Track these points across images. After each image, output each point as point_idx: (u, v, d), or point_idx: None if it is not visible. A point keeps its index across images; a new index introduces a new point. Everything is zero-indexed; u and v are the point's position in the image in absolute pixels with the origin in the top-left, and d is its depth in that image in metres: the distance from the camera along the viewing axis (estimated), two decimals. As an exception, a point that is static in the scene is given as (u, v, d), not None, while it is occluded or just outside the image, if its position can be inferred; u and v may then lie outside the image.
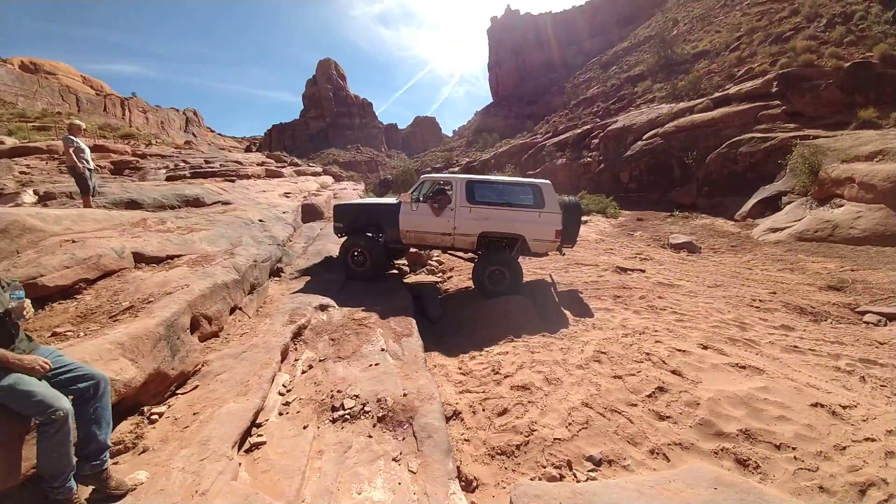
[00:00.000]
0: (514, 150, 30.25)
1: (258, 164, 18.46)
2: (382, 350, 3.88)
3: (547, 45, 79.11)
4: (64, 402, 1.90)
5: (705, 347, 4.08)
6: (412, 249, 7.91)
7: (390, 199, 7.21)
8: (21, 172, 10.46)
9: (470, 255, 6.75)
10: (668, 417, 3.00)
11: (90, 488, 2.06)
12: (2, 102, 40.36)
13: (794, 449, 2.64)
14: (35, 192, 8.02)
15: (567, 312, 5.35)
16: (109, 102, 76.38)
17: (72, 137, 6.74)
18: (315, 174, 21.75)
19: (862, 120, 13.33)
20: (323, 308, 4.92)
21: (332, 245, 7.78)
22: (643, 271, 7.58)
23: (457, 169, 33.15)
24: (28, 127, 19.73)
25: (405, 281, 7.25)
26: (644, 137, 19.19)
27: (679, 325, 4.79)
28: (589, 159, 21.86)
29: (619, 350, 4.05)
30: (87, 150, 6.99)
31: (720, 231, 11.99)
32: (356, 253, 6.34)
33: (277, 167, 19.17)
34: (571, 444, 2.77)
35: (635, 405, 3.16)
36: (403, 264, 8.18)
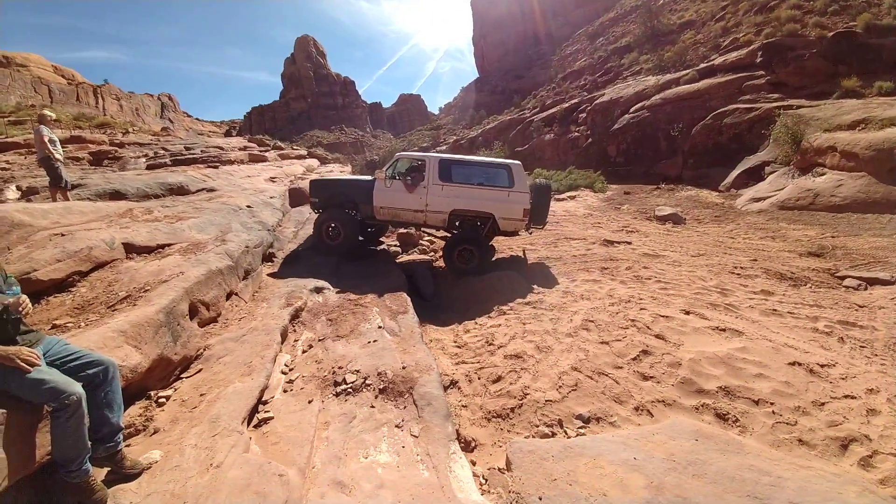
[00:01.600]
0: (502, 126, 29.92)
1: (240, 149, 18.03)
2: (380, 327, 4.00)
3: (532, 16, 76.89)
4: (76, 387, 1.93)
5: (687, 313, 4.28)
6: (403, 230, 7.98)
7: (366, 176, 7.28)
8: (1, 168, 10.19)
9: (443, 233, 6.94)
10: (651, 377, 3.20)
11: (105, 470, 2.12)
12: None
13: (772, 404, 2.80)
14: (18, 188, 7.91)
15: (559, 283, 5.52)
16: (82, 91, 73.12)
17: (43, 128, 6.63)
18: (300, 157, 21.36)
19: (845, 89, 13.44)
20: (318, 290, 5.00)
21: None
22: (630, 243, 7.77)
23: (444, 147, 32.76)
24: (4, 122, 18.86)
25: (398, 261, 7.34)
26: (631, 110, 19.14)
27: (663, 293, 4.99)
28: (577, 134, 21.78)
29: (606, 318, 4.24)
30: (58, 142, 6.87)
31: (704, 202, 12.23)
32: (331, 227, 6.50)
33: (261, 151, 18.77)
34: (562, 405, 2.96)
35: (621, 368, 3.36)
36: (395, 244, 8.24)
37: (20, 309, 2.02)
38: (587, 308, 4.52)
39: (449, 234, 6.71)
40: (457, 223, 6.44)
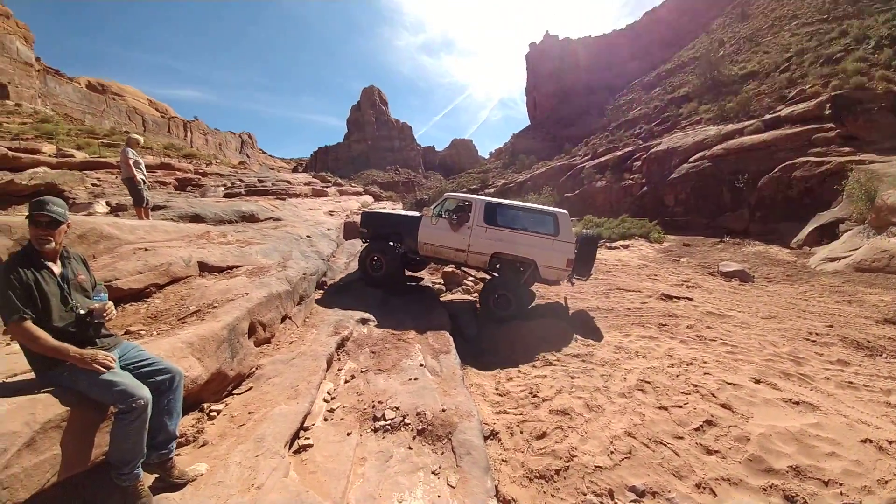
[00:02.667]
0: (552, 172, 30.11)
1: (305, 184, 19.61)
2: (421, 365, 3.96)
3: (586, 68, 79.14)
4: (145, 392, 2.01)
5: (758, 381, 3.91)
6: (449, 268, 8.05)
7: (414, 212, 7.56)
8: (93, 185, 11.33)
9: (483, 273, 6.92)
10: (716, 452, 2.90)
11: (153, 477, 2.17)
12: (70, 119, 45.18)
13: (840, 485, 2.56)
14: (107, 204, 8.62)
15: (611, 337, 5.20)
16: (173, 124, 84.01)
17: (129, 150, 7.03)
18: (356, 193, 22.74)
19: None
20: (364, 322, 5.10)
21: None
22: (691, 299, 7.23)
23: (492, 191, 33.38)
24: (97, 143, 21.71)
25: (441, 299, 7.35)
26: (690, 160, 18.53)
27: (730, 357, 4.57)
28: (631, 181, 21.33)
29: (665, 380, 3.90)
30: (143, 164, 7.25)
31: (775, 259, 11.26)
32: (374, 259, 6.67)
33: (322, 187, 20.27)
34: (613, 473, 2.69)
35: (682, 438, 3.05)
36: (439, 282, 8.30)
37: (104, 314, 2.18)
38: (643, 367, 4.19)
39: (488, 276, 6.66)
40: (497, 266, 6.42)
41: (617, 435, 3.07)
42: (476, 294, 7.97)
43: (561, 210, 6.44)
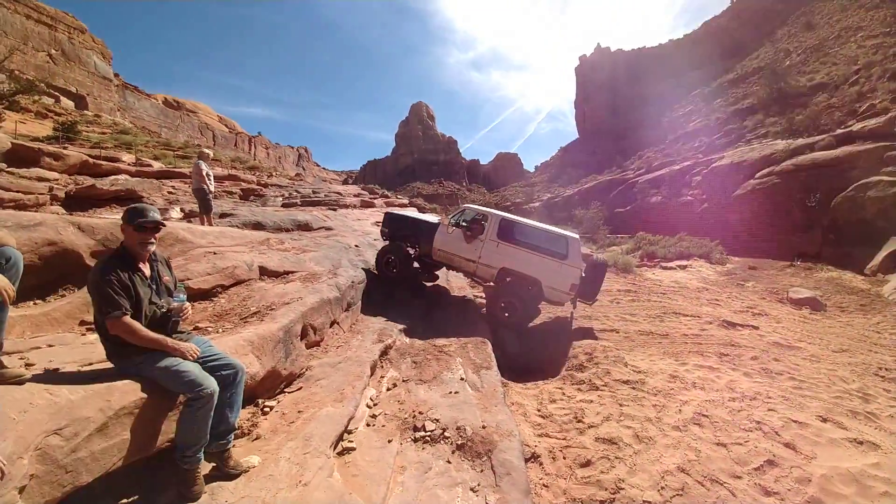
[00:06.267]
0: (601, 186, 29.13)
1: (355, 196, 20.53)
2: (462, 379, 3.96)
3: (640, 79, 76.31)
4: (212, 383, 2.18)
5: (825, 420, 3.61)
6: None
7: (434, 218, 7.76)
8: (168, 192, 12.56)
9: (489, 285, 7.03)
10: (775, 493, 2.70)
11: (210, 466, 2.30)
12: (147, 131, 49.93)
13: None
14: (181, 210, 9.54)
15: (665, 364, 4.88)
16: (240, 139, 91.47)
17: (201, 162, 7.82)
18: (402, 205, 23.38)
19: None
20: (407, 331, 5.21)
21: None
22: (756, 328, 6.62)
23: (537, 204, 32.86)
24: (172, 154, 23.96)
25: (483, 313, 7.31)
26: (757, 176, 17.12)
27: (797, 392, 4.21)
28: (689, 198, 20.08)
29: (725, 415, 3.61)
30: (212, 176, 7.94)
31: (848, 286, 10.13)
32: (390, 259, 6.89)
33: (370, 198, 21.09)
34: (664, 511, 2.51)
35: (740, 477, 2.84)
36: (481, 296, 8.27)
37: (182, 314, 2.41)
38: (701, 399, 3.90)
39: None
40: (507, 279, 6.52)
41: (669, 470, 2.87)
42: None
43: (573, 234, 6.53)
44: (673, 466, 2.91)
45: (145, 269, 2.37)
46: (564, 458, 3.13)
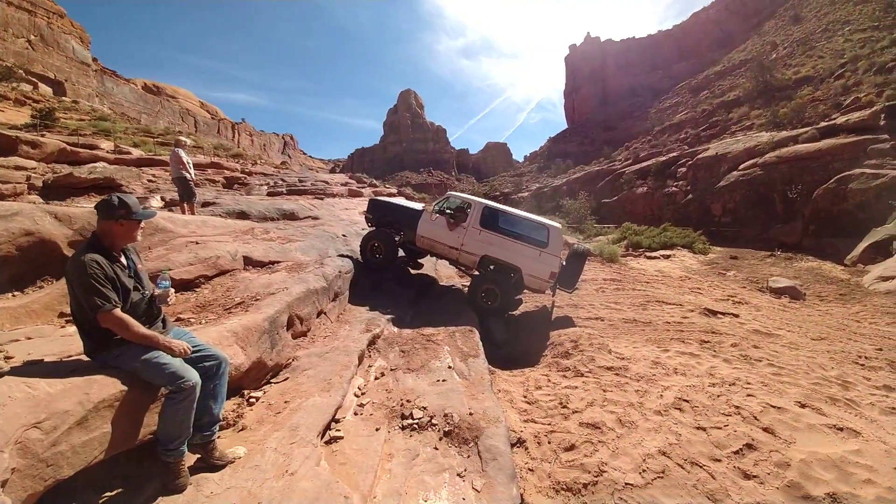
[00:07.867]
0: (589, 176, 29.33)
1: (342, 185, 20.24)
2: (449, 367, 3.99)
3: (629, 70, 76.49)
4: (193, 375, 2.15)
5: (803, 406, 3.71)
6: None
7: (418, 205, 7.74)
8: (149, 180, 12.11)
9: (472, 273, 7.09)
10: (754, 476, 2.77)
11: (195, 457, 2.28)
12: (127, 118, 48.24)
13: None
14: (162, 199, 9.25)
15: (648, 351, 5.00)
16: (223, 126, 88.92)
17: (180, 150, 7.66)
18: (390, 195, 23.17)
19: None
20: (394, 321, 5.20)
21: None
22: (737, 316, 6.81)
23: (526, 194, 32.94)
24: (153, 141, 23.21)
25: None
26: (740, 167, 17.48)
27: (776, 379, 4.33)
28: (674, 189, 20.40)
29: (705, 400, 3.71)
30: (191, 163, 7.81)
31: (828, 276, 10.55)
32: (374, 245, 6.89)
33: (358, 187, 20.84)
34: (644, 492, 2.59)
35: (719, 460, 2.92)
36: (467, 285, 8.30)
37: (167, 299, 2.38)
38: (682, 385, 4.00)
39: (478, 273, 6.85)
40: (490, 267, 6.58)
41: (650, 453, 2.95)
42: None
43: (554, 223, 6.59)
44: (654, 450, 2.99)
45: (122, 259, 2.30)
46: (549, 442, 3.19)
